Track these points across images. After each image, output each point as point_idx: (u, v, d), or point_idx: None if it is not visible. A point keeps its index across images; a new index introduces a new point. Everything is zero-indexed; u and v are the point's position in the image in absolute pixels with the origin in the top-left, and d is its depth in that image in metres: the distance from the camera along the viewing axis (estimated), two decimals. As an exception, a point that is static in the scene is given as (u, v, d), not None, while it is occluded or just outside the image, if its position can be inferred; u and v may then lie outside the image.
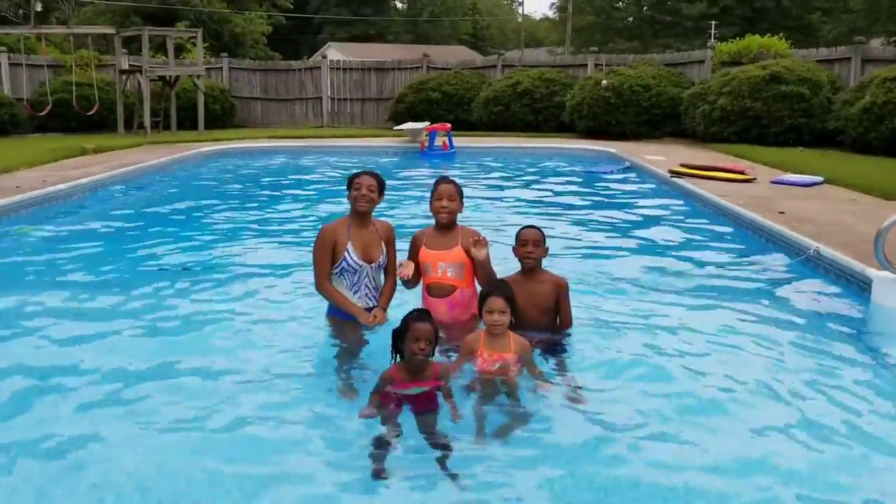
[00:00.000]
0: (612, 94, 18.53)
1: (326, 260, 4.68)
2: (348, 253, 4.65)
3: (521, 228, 4.63)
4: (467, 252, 4.60)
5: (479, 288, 4.54)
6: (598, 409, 3.84)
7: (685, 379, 4.28)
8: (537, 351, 4.38)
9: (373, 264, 4.73)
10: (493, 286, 4.15)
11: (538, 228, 4.61)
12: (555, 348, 4.49)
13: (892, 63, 15.85)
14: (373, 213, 4.81)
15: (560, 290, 4.57)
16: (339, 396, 4.01)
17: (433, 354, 3.84)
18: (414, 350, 3.71)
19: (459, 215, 4.79)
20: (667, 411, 3.86)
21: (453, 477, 3.21)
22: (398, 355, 3.85)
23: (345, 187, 4.81)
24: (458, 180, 4.84)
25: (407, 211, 9.33)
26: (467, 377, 3.99)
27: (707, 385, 4.19)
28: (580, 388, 4.01)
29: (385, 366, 3.90)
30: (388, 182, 4.89)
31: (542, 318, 4.53)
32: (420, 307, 3.95)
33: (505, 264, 4.95)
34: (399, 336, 3.79)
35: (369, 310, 4.73)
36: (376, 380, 3.90)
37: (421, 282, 4.79)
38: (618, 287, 6.11)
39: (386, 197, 4.85)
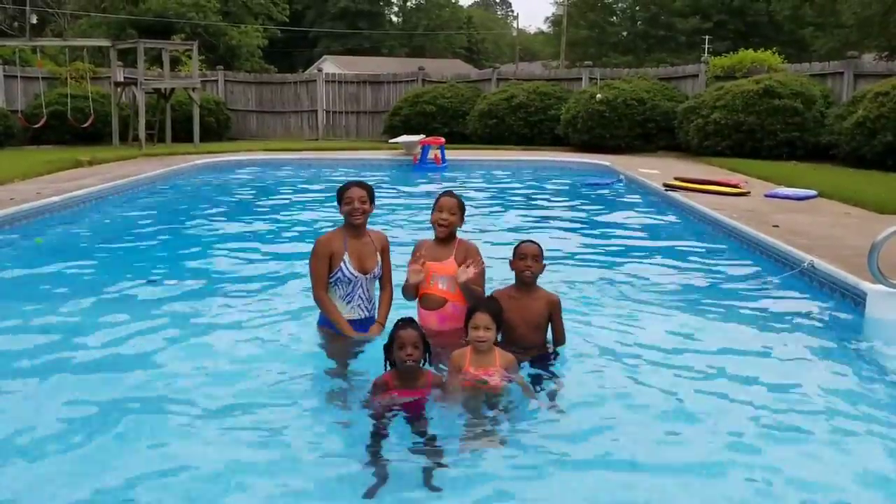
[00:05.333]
0: (607, 107, 18.59)
1: (323, 271, 4.68)
2: (344, 264, 4.66)
3: (521, 242, 4.60)
4: (461, 265, 4.58)
5: None
6: (587, 424, 3.85)
7: (676, 392, 4.27)
8: (526, 366, 4.38)
9: (367, 275, 4.74)
10: (481, 301, 4.15)
11: (538, 244, 4.58)
12: (545, 363, 4.47)
13: (884, 78, 15.94)
14: (367, 223, 4.82)
15: (553, 308, 4.55)
16: (328, 404, 4.02)
17: (426, 361, 3.88)
18: (402, 357, 3.78)
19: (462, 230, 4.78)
20: (657, 425, 3.86)
21: (434, 489, 3.21)
22: (392, 365, 3.89)
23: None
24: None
25: (398, 223, 9.32)
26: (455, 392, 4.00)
27: (699, 399, 4.19)
28: (560, 409, 3.99)
29: (376, 375, 3.95)
30: (381, 195, 4.91)
31: (533, 334, 4.50)
32: (404, 317, 3.98)
33: (498, 276, 4.95)
34: (388, 348, 3.86)
35: (360, 321, 4.74)
36: (365, 390, 3.95)
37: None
38: (610, 300, 6.11)
39: (378, 210, 4.86)
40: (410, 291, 4.76)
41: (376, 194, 4.83)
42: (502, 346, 4.29)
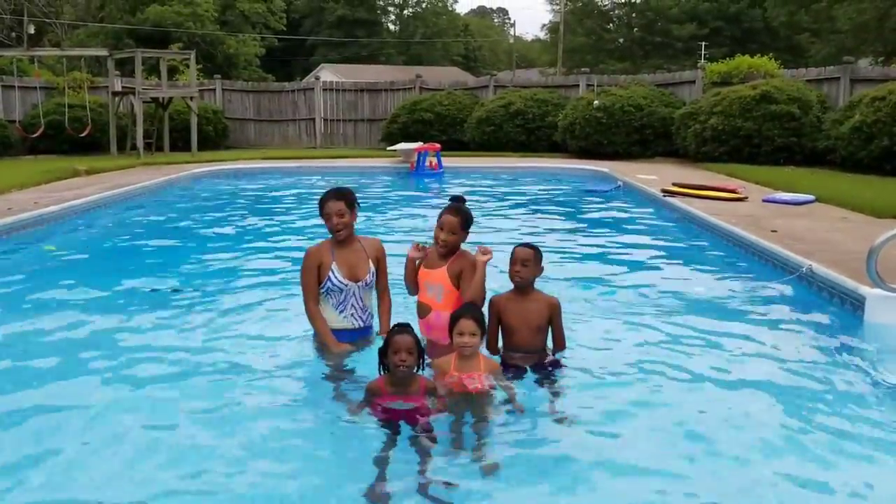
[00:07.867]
0: (604, 114, 18.62)
1: (313, 282, 4.67)
2: (332, 273, 4.64)
3: (516, 247, 4.60)
4: (452, 277, 4.52)
5: None
6: (586, 428, 3.85)
7: (676, 399, 4.27)
8: (528, 371, 4.38)
9: (359, 283, 4.71)
10: (464, 308, 4.14)
11: (532, 247, 4.57)
12: (545, 368, 4.47)
13: (880, 82, 16.00)
14: (356, 231, 4.80)
15: (552, 310, 4.55)
16: (323, 410, 4.02)
17: (420, 367, 3.87)
18: (396, 362, 3.77)
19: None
20: (658, 429, 3.85)
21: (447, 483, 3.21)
22: (385, 371, 3.89)
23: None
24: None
25: (393, 230, 9.29)
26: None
27: (697, 405, 4.18)
28: (566, 418, 3.96)
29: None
30: (377, 202, 4.90)
31: (534, 337, 4.51)
32: (401, 321, 3.98)
33: (493, 285, 4.93)
34: (383, 352, 3.85)
35: (355, 330, 4.72)
36: (360, 396, 3.96)
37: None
38: (609, 306, 6.11)
39: (373, 216, 4.84)
40: (409, 280, 4.72)
41: (373, 199, 4.82)
42: (503, 349, 4.43)
